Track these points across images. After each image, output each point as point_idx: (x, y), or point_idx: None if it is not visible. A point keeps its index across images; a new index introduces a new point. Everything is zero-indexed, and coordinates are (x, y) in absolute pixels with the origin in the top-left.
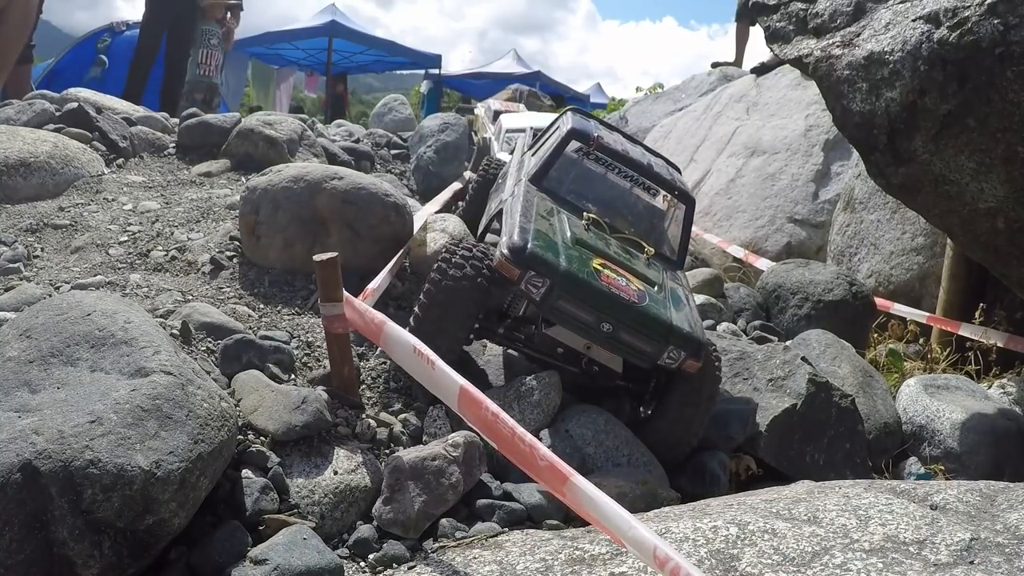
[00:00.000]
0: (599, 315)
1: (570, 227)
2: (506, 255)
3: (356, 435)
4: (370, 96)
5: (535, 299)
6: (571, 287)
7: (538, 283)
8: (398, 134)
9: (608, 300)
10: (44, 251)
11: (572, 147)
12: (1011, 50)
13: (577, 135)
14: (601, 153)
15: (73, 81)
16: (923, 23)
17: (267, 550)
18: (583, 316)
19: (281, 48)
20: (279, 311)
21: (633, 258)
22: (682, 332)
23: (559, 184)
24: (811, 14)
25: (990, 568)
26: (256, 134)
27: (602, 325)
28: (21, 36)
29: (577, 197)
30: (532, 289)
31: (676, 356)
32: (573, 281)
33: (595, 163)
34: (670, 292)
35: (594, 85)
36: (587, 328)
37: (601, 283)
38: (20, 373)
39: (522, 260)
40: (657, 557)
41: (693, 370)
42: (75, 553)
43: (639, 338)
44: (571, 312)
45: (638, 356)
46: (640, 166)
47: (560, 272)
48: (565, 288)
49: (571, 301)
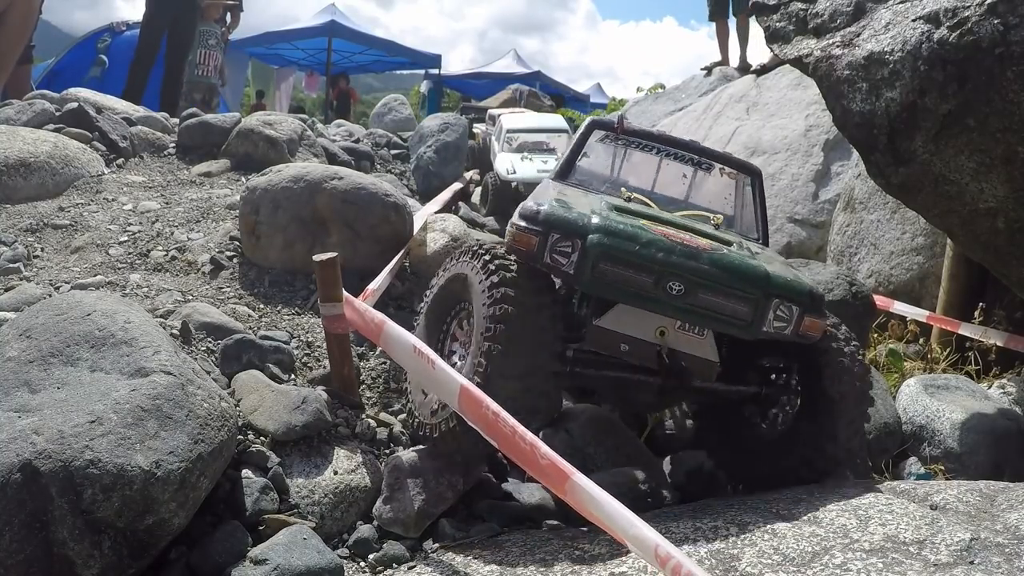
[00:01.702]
0: (661, 270)
1: (605, 200)
2: (518, 224)
3: (356, 435)
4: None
5: (568, 273)
6: (612, 242)
7: (566, 247)
8: (398, 134)
9: (668, 248)
10: (44, 251)
11: (596, 137)
12: (1011, 50)
13: (599, 124)
14: (632, 136)
15: (73, 81)
16: (923, 23)
17: (267, 550)
18: (639, 278)
19: (281, 48)
20: (279, 311)
21: (698, 223)
22: (785, 280)
23: (588, 177)
24: (811, 14)
25: (990, 568)
26: (256, 134)
27: (669, 285)
28: (22, 37)
29: (612, 185)
30: (560, 260)
31: (787, 315)
32: (613, 234)
33: (629, 148)
34: (756, 252)
35: (594, 85)
36: (649, 296)
37: (654, 233)
38: (20, 373)
39: (540, 221)
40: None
41: (817, 333)
42: (75, 553)
43: (727, 294)
44: (620, 277)
45: (733, 324)
46: (684, 143)
47: (593, 227)
48: (603, 245)
49: (616, 261)
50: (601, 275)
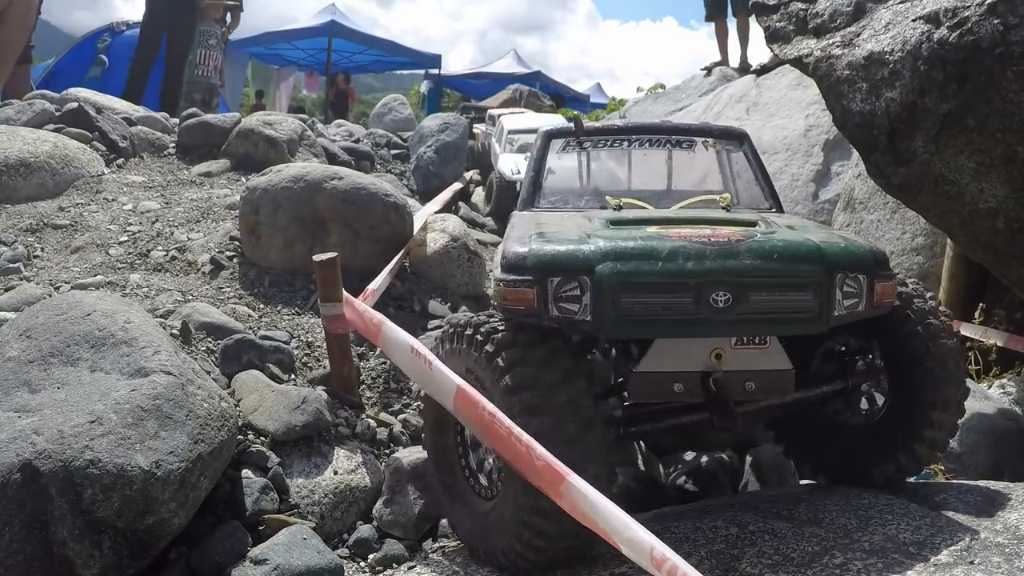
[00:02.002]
0: (699, 283)
1: (594, 217)
2: (505, 279)
3: (356, 435)
4: (370, 96)
5: (584, 322)
6: (628, 266)
7: (572, 291)
8: (398, 134)
9: (697, 253)
10: (44, 251)
11: (556, 148)
12: (1011, 50)
13: (553, 133)
14: (594, 135)
15: (73, 81)
16: (923, 23)
17: (267, 550)
18: (675, 300)
19: (281, 48)
20: (279, 311)
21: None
22: (840, 246)
23: (561, 195)
24: (811, 14)
25: (990, 568)
26: (256, 134)
27: (713, 299)
28: (21, 37)
29: (593, 197)
30: (570, 309)
31: (856, 288)
32: (624, 256)
33: (595, 150)
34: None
35: (594, 85)
36: (693, 319)
37: (672, 239)
38: (20, 373)
39: (529, 267)
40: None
41: (892, 299)
42: (75, 553)
43: (783, 287)
44: (652, 307)
45: (798, 321)
46: (652, 127)
47: (597, 254)
48: (619, 274)
49: (641, 289)
50: (627, 312)
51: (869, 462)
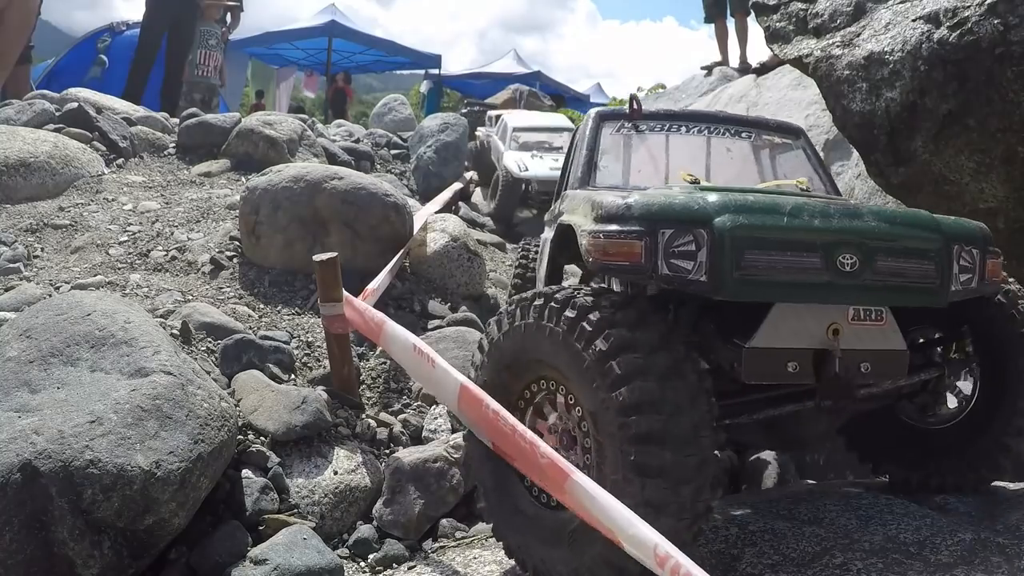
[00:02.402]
0: (829, 242)
1: (675, 187)
2: (606, 229)
3: (356, 435)
4: (370, 96)
5: (699, 282)
6: (752, 219)
7: (687, 245)
8: (398, 134)
9: (824, 212)
10: (44, 251)
11: (609, 130)
12: (1011, 50)
13: (606, 114)
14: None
15: (73, 81)
16: (923, 23)
17: (267, 550)
18: (803, 260)
19: (281, 48)
20: (279, 311)
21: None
22: (952, 219)
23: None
24: (811, 14)
25: (990, 568)
26: (256, 134)
27: (840, 261)
28: (21, 37)
29: (656, 177)
30: (682, 266)
31: (970, 262)
32: (745, 209)
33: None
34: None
35: (594, 85)
36: (820, 283)
37: (792, 199)
38: (20, 373)
39: (637, 216)
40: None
41: (999, 278)
42: (75, 553)
43: (907, 254)
44: (777, 266)
45: (920, 291)
46: (711, 115)
47: (718, 205)
48: (744, 227)
49: (766, 245)
50: (750, 271)
51: (947, 468)
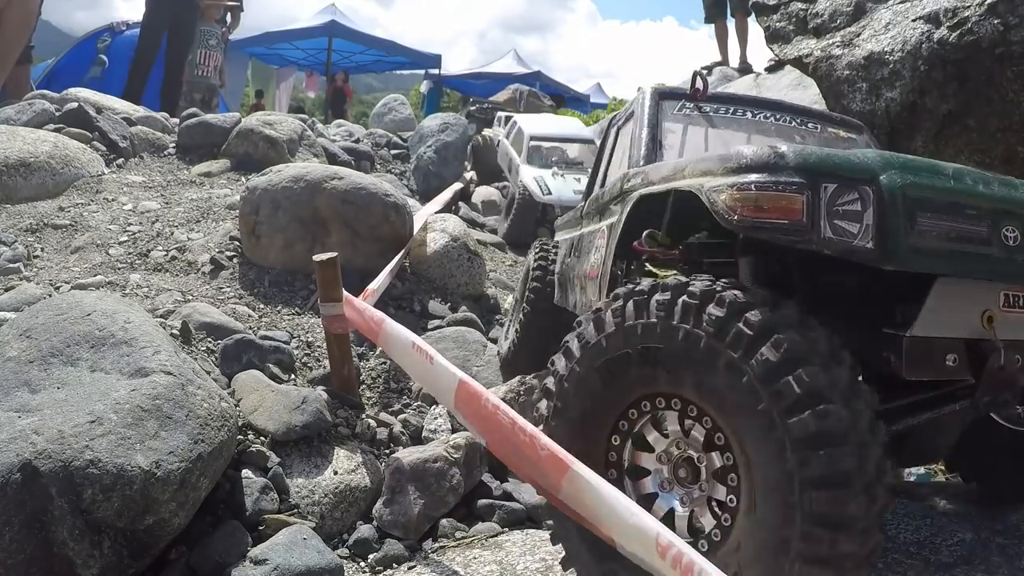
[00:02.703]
0: (991, 210)
1: None
2: (758, 180)
3: (356, 435)
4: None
5: (864, 249)
6: (921, 178)
7: (851, 203)
8: (398, 134)
9: (984, 179)
10: (44, 251)
11: (670, 109)
12: (1011, 50)
13: (665, 93)
14: (715, 101)
15: (73, 81)
16: (923, 23)
17: (267, 550)
18: (969, 228)
19: (281, 48)
20: (279, 311)
21: None
22: None
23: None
24: (811, 14)
25: (990, 568)
26: (256, 134)
27: (1004, 232)
28: (21, 37)
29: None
30: (847, 228)
31: None
32: (911, 168)
33: (717, 118)
34: None
35: (594, 85)
36: (983, 256)
37: (947, 163)
38: (20, 373)
39: (795, 166)
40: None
41: None
42: (75, 553)
43: None
44: (947, 233)
45: None
46: (775, 103)
47: (881, 161)
48: (915, 185)
49: (937, 208)
50: (922, 237)
51: None
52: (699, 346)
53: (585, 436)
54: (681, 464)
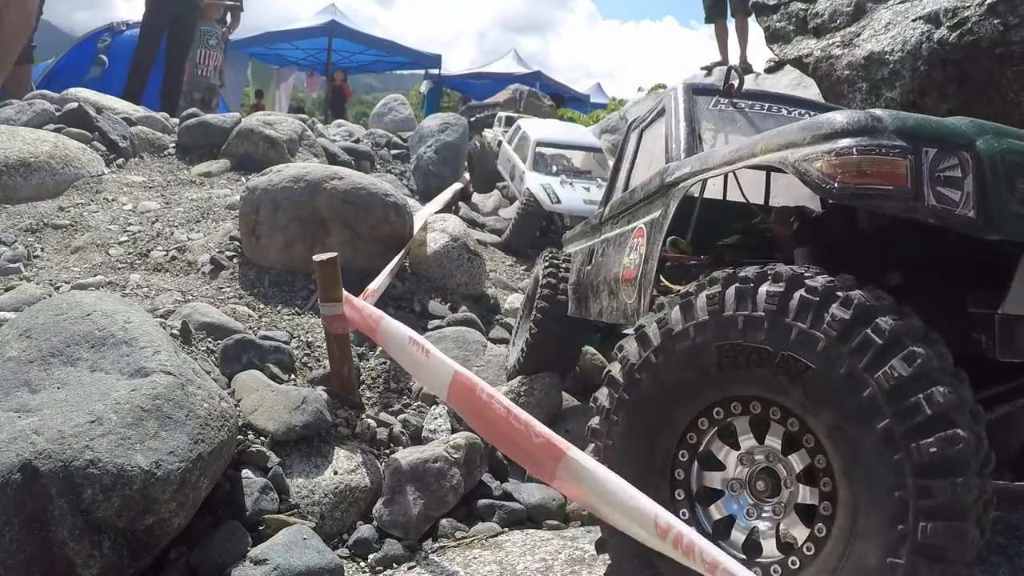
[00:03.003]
0: None
1: None
2: (861, 144)
3: (356, 435)
4: (370, 96)
5: (965, 218)
6: (1015, 143)
7: (952, 169)
8: (398, 134)
9: None
10: (44, 251)
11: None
12: (1011, 50)
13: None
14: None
15: (73, 81)
16: (923, 23)
17: (267, 550)
18: None
19: (281, 48)
20: (279, 311)
21: None
22: None
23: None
24: (811, 14)
25: (990, 568)
26: (256, 134)
27: None
28: (20, 36)
29: None
30: (951, 196)
31: None
32: (1000, 133)
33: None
34: None
35: (594, 85)
36: None
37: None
38: (20, 373)
39: (894, 129)
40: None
41: None
42: (75, 553)
43: None
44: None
45: None
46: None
47: (975, 126)
48: (1013, 150)
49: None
50: (1022, 204)
51: None
52: (815, 349)
53: (648, 441)
54: (758, 476)
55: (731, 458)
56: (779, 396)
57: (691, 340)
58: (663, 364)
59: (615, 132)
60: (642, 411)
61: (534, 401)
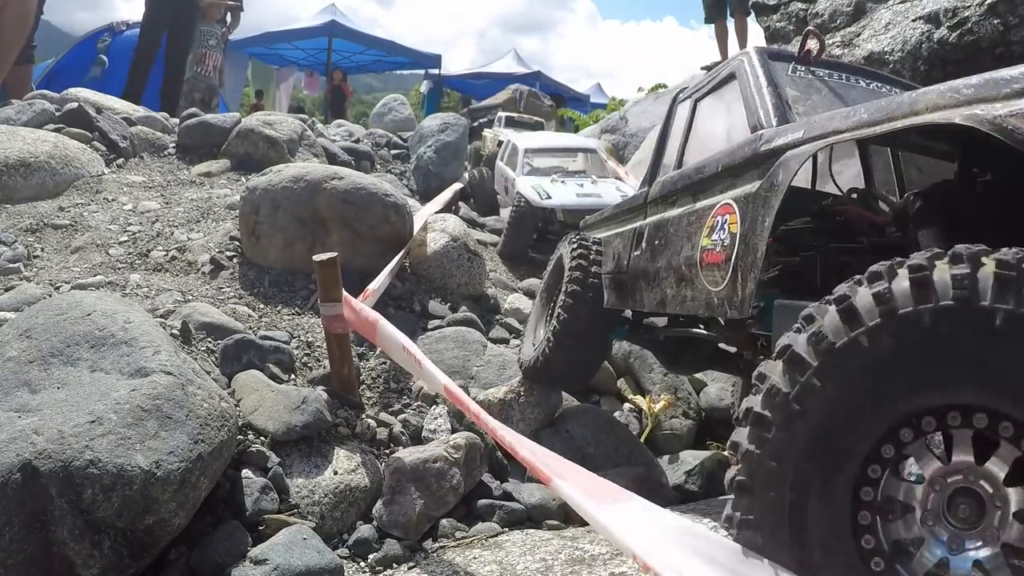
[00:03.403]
0: None
1: None
2: None
3: (356, 435)
4: (370, 96)
5: None
6: None
7: None
8: (398, 134)
9: None
10: (44, 251)
11: (782, 70)
12: (1011, 50)
13: (773, 54)
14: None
15: (73, 81)
16: (923, 23)
17: (267, 550)
18: None
19: (281, 48)
20: (279, 311)
21: None
22: None
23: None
24: (811, 14)
25: None
26: (256, 134)
27: None
28: (19, 35)
29: None
30: None
31: None
32: None
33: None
34: None
35: (594, 85)
36: None
37: None
38: (20, 373)
39: None
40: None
41: None
42: (75, 553)
43: None
44: None
45: None
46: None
47: None
48: None
49: None
50: None
51: None
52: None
53: (821, 489)
54: (958, 497)
55: (916, 494)
56: (986, 399)
57: (864, 349)
58: (823, 390)
59: (615, 132)
60: (798, 468)
61: (534, 401)
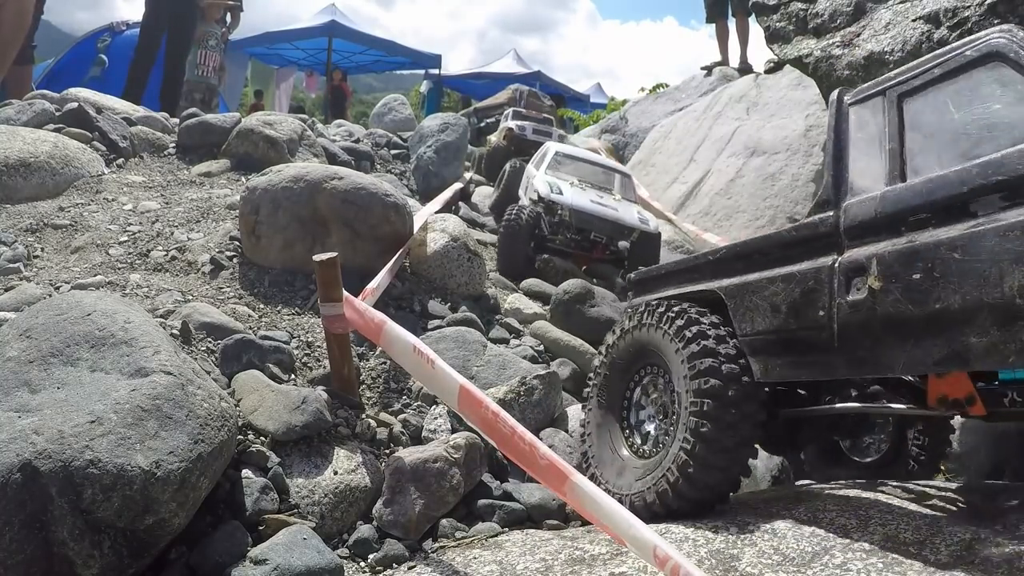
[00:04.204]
0: None
1: None
2: None
3: (356, 435)
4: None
5: None
6: None
7: None
8: (398, 134)
9: None
10: (44, 251)
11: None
12: None
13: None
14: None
15: (73, 81)
16: (923, 23)
17: (267, 550)
18: None
19: (281, 48)
20: (279, 311)
21: None
22: None
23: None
24: (811, 14)
25: (990, 568)
26: (256, 134)
27: None
28: (17, 33)
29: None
30: None
31: None
32: None
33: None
34: None
35: (594, 85)
36: None
37: None
38: (20, 373)
39: None
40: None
41: None
42: (75, 553)
43: None
44: None
45: None
46: None
47: None
48: None
49: None
50: None
51: None
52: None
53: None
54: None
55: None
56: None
57: None
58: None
59: (615, 132)
60: None
61: (534, 401)
